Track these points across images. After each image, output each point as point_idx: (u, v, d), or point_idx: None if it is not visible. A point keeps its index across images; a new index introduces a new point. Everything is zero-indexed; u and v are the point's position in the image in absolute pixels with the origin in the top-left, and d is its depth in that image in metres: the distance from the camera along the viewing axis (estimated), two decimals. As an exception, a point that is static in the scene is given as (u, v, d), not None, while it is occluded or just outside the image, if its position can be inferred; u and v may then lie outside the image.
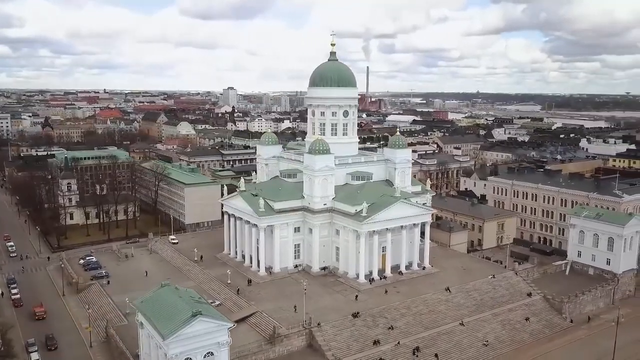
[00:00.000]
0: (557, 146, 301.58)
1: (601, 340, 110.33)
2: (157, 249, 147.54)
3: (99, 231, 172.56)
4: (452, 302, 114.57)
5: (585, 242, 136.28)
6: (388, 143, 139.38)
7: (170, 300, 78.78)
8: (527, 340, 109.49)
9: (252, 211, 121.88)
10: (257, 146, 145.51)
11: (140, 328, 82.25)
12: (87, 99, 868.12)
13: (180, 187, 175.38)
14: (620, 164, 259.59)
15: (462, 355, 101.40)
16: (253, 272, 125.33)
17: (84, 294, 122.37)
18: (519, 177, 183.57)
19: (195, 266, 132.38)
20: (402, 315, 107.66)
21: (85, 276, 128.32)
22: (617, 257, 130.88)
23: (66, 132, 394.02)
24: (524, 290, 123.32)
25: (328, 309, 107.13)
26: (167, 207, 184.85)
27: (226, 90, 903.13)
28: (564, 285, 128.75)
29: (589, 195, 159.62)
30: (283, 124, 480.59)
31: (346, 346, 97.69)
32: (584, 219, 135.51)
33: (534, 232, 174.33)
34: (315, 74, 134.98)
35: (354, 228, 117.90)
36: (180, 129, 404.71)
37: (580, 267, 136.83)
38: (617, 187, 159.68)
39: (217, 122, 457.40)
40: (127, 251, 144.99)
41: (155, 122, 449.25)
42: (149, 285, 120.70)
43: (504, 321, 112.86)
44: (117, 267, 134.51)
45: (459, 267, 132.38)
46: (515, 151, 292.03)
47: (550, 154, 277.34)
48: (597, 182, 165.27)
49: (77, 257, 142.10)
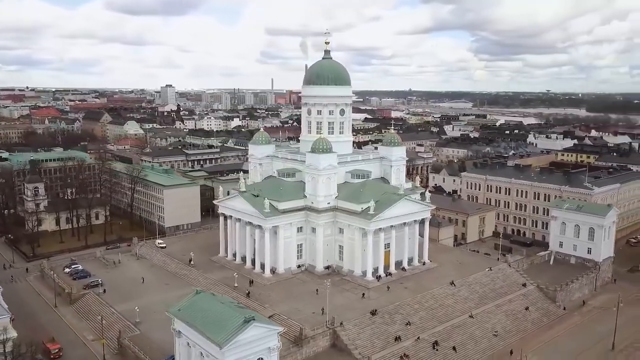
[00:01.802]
0: (508, 142, 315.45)
1: (595, 325, 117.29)
2: (145, 254, 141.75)
3: (73, 237, 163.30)
4: (458, 296, 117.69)
5: (566, 233, 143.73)
6: (382, 141, 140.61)
7: (213, 307, 76.20)
8: (530, 329, 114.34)
9: (256, 212, 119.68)
10: (249, 146, 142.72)
11: (177, 337, 78.93)
12: (12, 97, 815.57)
13: (159, 189, 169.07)
14: (568, 159, 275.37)
15: (477, 347, 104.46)
16: (257, 274, 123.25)
17: (78, 304, 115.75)
18: (492, 172, 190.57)
19: (193, 270, 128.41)
20: (416, 311, 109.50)
21: (76, 285, 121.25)
22: (598, 246, 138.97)
23: (4, 133, 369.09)
24: (519, 281, 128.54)
25: (343, 307, 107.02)
26: (143, 210, 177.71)
27: (164, 88, 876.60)
28: (550, 274, 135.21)
29: (561, 189, 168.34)
30: (233, 122, 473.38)
31: (370, 344, 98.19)
32: (565, 211, 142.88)
33: (508, 224, 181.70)
34: (312, 72, 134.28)
35: (361, 226, 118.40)
36: (127, 129, 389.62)
37: (562, 257, 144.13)
38: (586, 180, 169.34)
39: (164, 121, 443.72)
40: (113, 257, 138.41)
41: (99, 121, 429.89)
42: (149, 293, 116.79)
43: (507, 311, 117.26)
44: (108, 275, 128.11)
45: (455, 262, 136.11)
46: (470, 147, 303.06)
47: (504, 150, 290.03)
48: (567, 176, 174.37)
49: (60, 266, 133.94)
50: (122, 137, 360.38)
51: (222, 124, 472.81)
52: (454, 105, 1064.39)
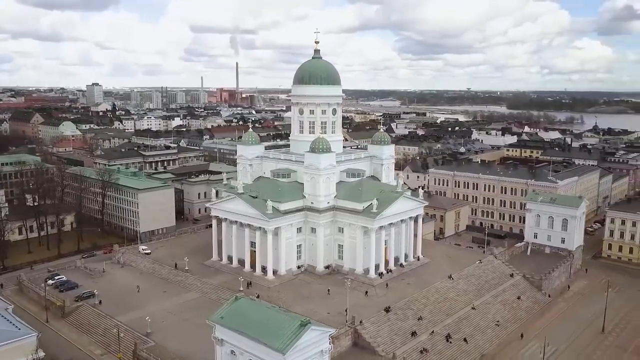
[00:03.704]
0: (455, 139, 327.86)
1: (579, 310, 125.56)
2: (130, 261, 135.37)
3: (41, 247, 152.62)
4: (458, 289, 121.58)
5: (541, 225, 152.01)
6: (372, 140, 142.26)
7: (259, 313, 74.40)
8: (525, 317, 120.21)
9: (257, 214, 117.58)
10: (238, 146, 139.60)
11: (219, 345, 76.28)
12: None
13: (133, 193, 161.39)
14: (514, 154, 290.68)
15: (484, 337, 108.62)
16: (258, 276, 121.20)
17: (73, 317, 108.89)
18: (459, 168, 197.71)
19: (189, 276, 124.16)
20: (425, 305, 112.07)
21: (65, 298, 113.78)
22: (571, 236, 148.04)
23: None
24: (506, 272, 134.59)
25: (355, 306, 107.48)
26: (114, 216, 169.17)
27: (90, 87, 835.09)
28: (530, 264, 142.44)
29: (528, 182, 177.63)
30: (174, 122, 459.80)
31: (390, 340, 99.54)
32: (540, 204, 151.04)
33: (476, 218, 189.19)
34: (304, 72, 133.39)
35: (364, 224, 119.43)
36: (63, 130, 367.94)
37: (537, 247, 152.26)
38: (550, 174, 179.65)
39: (102, 122, 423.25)
40: (96, 266, 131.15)
41: (29, 122, 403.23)
42: (148, 301, 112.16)
43: (503, 301, 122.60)
44: (97, 285, 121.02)
45: (444, 256, 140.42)
46: (421, 144, 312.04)
47: (454, 146, 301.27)
48: (533, 170, 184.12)
49: (39, 278, 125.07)
50: (60, 139, 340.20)
51: (163, 123, 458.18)
52: (384, 103, 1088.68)
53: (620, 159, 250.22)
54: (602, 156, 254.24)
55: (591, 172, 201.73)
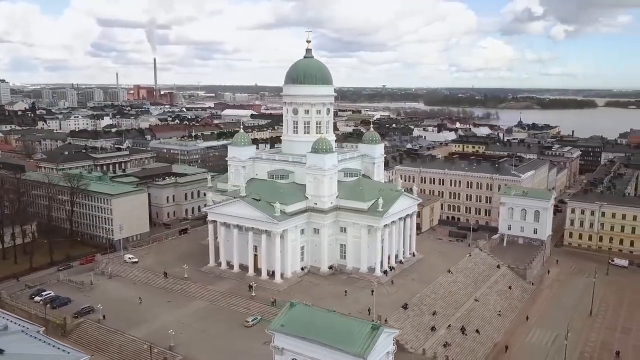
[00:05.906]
0: (399, 136, 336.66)
1: (562, 296, 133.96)
2: (117, 271, 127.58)
3: (6, 260, 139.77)
4: (458, 282, 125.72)
5: (514, 217, 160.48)
6: (363, 139, 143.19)
7: (321, 318, 73.38)
8: (518, 306, 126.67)
9: (264, 217, 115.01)
10: (230, 148, 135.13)
11: (278, 355, 74.06)
12: None
13: (105, 199, 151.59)
14: (458, 149, 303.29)
15: (492, 327, 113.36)
16: (265, 280, 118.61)
17: (76, 335, 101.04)
18: (424, 164, 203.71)
19: (190, 284, 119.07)
20: (435, 300, 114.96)
21: (59, 315, 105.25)
22: (543, 227, 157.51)
23: None
24: (493, 264, 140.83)
25: (371, 304, 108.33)
26: (83, 223, 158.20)
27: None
28: (509, 255, 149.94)
29: (493, 177, 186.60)
30: (103, 121, 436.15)
31: (415, 337, 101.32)
32: (513, 197, 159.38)
33: (443, 212, 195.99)
34: (298, 71, 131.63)
35: (370, 223, 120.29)
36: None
37: (511, 239, 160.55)
38: (513, 168, 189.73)
39: (23, 122, 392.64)
40: (82, 279, 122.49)
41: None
42: (156, 313, 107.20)
43: (499, 292, 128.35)
44: (90, 299, 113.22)
45: (434, 251, 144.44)
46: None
47: (401, 143, 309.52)
48: (496, 165, 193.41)
49: (20, 295, 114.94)
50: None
51: (91, 123, 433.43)
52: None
53: (557, 152, 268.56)
54: (540, 150, 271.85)
55: (543, 165, 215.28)
